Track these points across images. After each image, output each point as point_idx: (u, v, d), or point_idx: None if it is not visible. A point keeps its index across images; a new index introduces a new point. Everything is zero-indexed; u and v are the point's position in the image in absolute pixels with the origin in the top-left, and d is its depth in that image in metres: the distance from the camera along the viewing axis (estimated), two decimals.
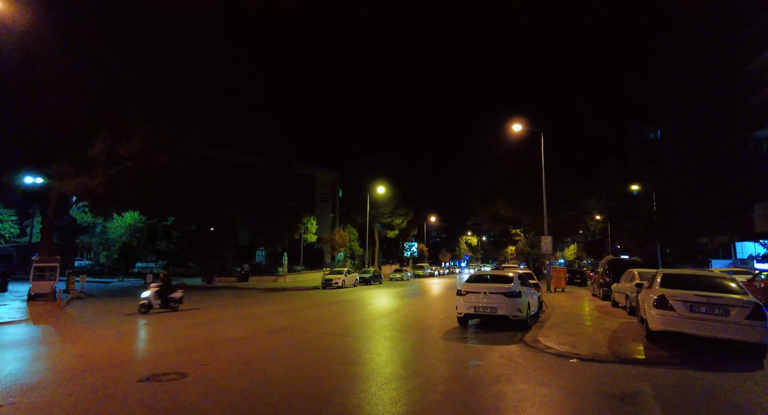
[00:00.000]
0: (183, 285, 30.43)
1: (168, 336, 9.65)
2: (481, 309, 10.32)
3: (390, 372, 6.41)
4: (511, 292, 10.28)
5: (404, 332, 10.14)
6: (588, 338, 8.83)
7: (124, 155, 17.30)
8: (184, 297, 15.13)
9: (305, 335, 9.69)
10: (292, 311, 15.18)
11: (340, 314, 14.30)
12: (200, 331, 10.33)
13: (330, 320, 12.66)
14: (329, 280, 29.67)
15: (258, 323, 11.71)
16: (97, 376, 6.19)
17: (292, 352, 7.90)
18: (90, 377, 6.12)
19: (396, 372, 6.41)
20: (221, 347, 8.34)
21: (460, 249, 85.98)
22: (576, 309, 14.53)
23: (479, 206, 43.48)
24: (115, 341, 9.23)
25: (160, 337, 9.62)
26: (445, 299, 20.69)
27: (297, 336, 9.59)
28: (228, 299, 20.54)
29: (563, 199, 32.91)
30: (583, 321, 11.44)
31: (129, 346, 8.64)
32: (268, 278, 35.15)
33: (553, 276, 24.75)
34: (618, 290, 14.09)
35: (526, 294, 10.78)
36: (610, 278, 17.09)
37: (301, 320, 12.59)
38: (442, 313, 14.15)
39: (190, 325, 11.32)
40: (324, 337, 9.52)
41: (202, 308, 15.86)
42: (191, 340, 9.08)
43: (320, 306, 16.91)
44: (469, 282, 11.16)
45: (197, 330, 10.46)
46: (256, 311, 15.11)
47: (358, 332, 10.32)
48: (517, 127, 23.91)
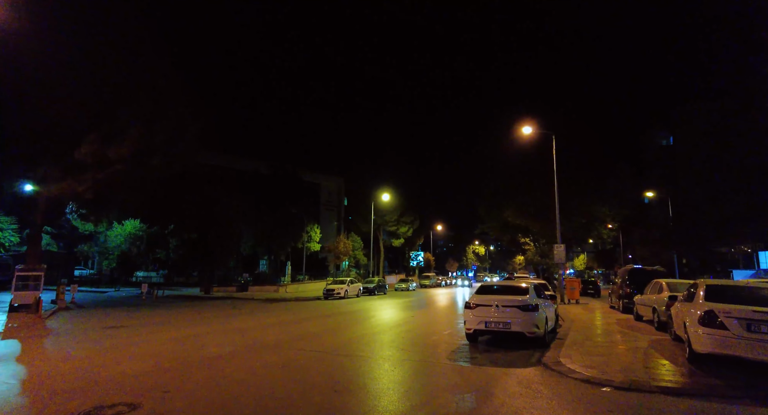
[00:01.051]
0: (179, 296, 29.52)
1: (139, 354, 8.58)
2: (492, 325, 9.14)
3: (385, 405, 5.27)
4: (526, 305, 9.09)
5: (406, 351, 8.98)
6: (618, 360, 7.62)
7: (114, 158, 16.44)
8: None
9: (293, 354, 8.57)
10: (286, 324, 14.07)
11: (338, 328, 13.16)
12: (177, 348, 9.25)
13: (325, 335, 11.53)
14: (331, 290, 28.52)
15: (244, 339, 10.62)
16: (27, 410, 5.13)
17: (273, 375, 6.79)
18: (17, 413, 5.06)
19: (393, 404, 5.27)
20: (194, 368, 7.25)
21: (468, 259, 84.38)
22: (596, 323, 13.25)
23: (487, 214, 42.22)
24: (78, 360, 8.17)
25: (131, 354, 8.55)
26: (452, 311, 19.48)
27: (284, 355, 8.47)
28: (222, 310, 19.47)
29: (575, 206, 31.61)
30: (607, 338, 10.20)
31: (89, 367, 7.58)
32: (269, 287, 34.10)
33: (567, 287, 23.42)
34: (642, 303, 12.82)
35: (543, 307, 9.59)
36: (630, 289, 15.79)
37: (293, 334, 11.47)
38: (448, 327, 12.96)
39: (169, 340, 10.25)
40: (315, 356, 8.39)
41: (188, 321, 14.75)
42: (162, 359, 7.99)
43: (318, 319, 15.77)
44: (479, 294, 10.00)
45: (174, 347, 9.39)
46: (247, 324, 14.01)
47: (355, 350, 9.18)
48: (527, 130, 22.82)
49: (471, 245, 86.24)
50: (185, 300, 26.22)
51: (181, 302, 24.85)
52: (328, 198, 66.47)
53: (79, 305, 21.07)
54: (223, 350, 8.90)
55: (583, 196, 32.87)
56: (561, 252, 22.07)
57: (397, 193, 48.52)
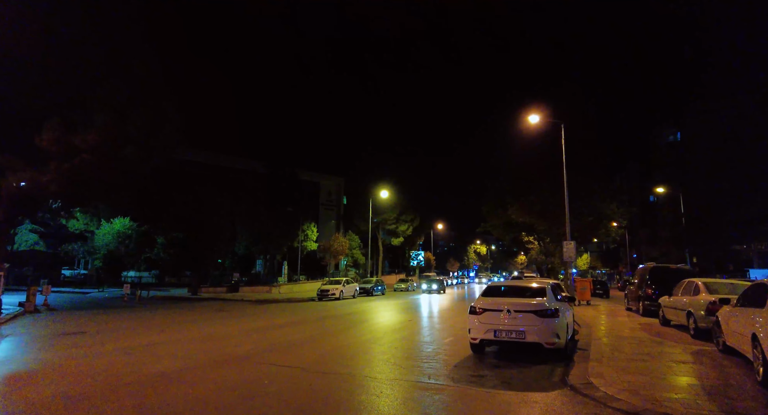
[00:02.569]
0: (165, 297, 27.98)
1: (70, 371, 7.02)
2: (503, 334, 7.56)
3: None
4: (544, 310, 7.52)
5: (399, 367, 7.41)
6: (665, 380, 6.04)
7: (81, 146, 14.90)
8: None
9: (261, 371, 7.01)
10: (268, 329, 12.51)
11: (325, 334, 11.61)
12: (123, 361, 7.69)
13: (308, 344, 9.97)
14: (325, 291, 26.96)
15: (212, 348, 9.06)
16: None
17: (223, 403, 5.23)
18: None
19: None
20: (124, 392, 5.68)
21: (469, 258, 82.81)
22: (617, 329, 11.66)
23: (491, 212, 40.60)
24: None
25: (64, 370, 6.98)
26: (454, 313, 17.93)
27: (249, 372, 6.91)
28: (204, 313, 17.92)
29: (584, 203, 30.02)
30: (638, 348, 8.61)
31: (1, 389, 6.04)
32: (261, 288, 32.55)
33: (577, 287, 21.85)
34: (672, 306, 11.22)
35: (563, 312, 8.02)
36: (652, 289, 14.20)
37: (271, 343, 9.92)
38: (449, 333, 11.40)
39: (119, 351, 8.69)
40: (286, 374, 6.83)
41: (157, 326, 13.17)
42: (94, 378, 6.43)
43: (305, 323, 14.22)
44: (486, 296, 8.41)
45: (121, 360, 7.83)
46: (224, 329, 12.44)
47: (337, 365, 7.62)
48: (534, 119, 21.21)
49: (472, 245, 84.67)
50: (170, 302, 24.69)
51: (164, 303, 23.32)
52: (327, 198, 65.01)
53: (52, 307, 19.49)
54: (177, 365, 7.34)
55: (591, 193, 31.36)
56: (571, 249, 20.47)
57: (397, 191, 46.99)
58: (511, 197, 34.94)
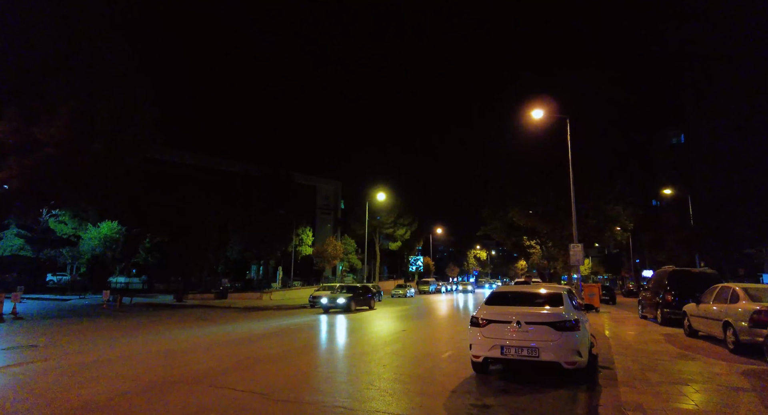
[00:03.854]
0: (148, 304, 26.52)
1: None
2: (512, 351, 6.19)
3: None
4: (563, 321, 6.15)
5: (385, 393, 6.01)
6: (727, 410, 4.67)
7: (43, 139, 13.58)
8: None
9: (212, 397, 5.63)
10: (244, 341, 11.10)
11: (306, 348, 10.21)
12: (55, 383, 6.29)
13: (282, 360, 8.57)
14: (317, 298, 25.49)
15: (167, 366, 7.67)
16: None
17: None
18: None
19: None
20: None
21: (469, 263, 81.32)
22: (638, 340, 10.27)
23: (491, 215, 39.22)
24: None
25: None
26: (453, 322, 16.55)
27: (197, 398, 5.53)
28: (182, 321, 16.49)
29: (588, 205, 28.71)
30: (672, 365, 7.23)
31: None
32: (251, 294, 31.08)
33: (585, 293, 20.48)
34: (700, 315, 9.84)
35: (584, 323, 6.65)
36: (672, 296, 12.82)
37: (238, 359, 8.51)
38: (448, 347, 10.02)
39: (60, 370, 7.27)
40: (240, 402, 5.45)
41: (120, 337, 11.73)
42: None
43: (288, 334, 12.81)
44: (491, 304, 7.04)
45: (55, 380, 6.43)
46: (192, 341, 11.02)
47: (307, 390, 6.24)
48: (538, 114, 19.92)
49: (472, 250, 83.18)
50: (151, 309, 23.26)
51: (145, 311, 21.89)
52: (324, 201, 63.70)
53: (20, 316, 18.06)
54: (113, 389, 5.95)
55: (596, 194, 30.10)
56: (578, 252, 19.09)
57: (395, 194, 45.71)
58: (513, 200, 33.66)
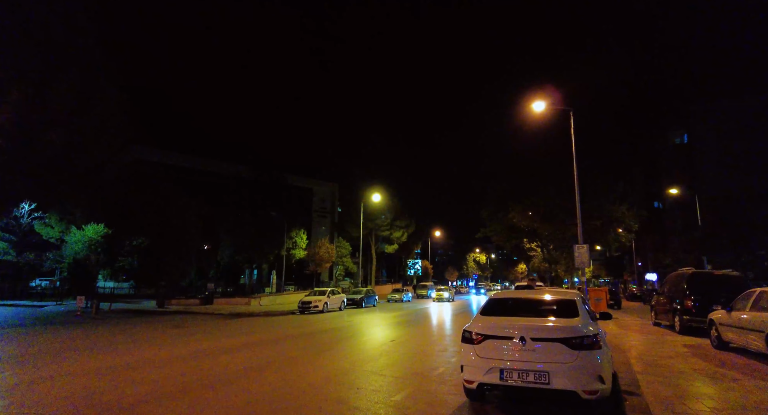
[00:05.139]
0: (128, 310, 25.12)
1: None
2: (515, 376, 4.82)
3: None
4: (580, 338, 4.79)
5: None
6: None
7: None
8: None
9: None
10: (209, 354, 9.71)
11: (274, 364, 8.82)
12: None
13: (239, 381, 7.18)
14: (307, 303, 24.11)
15: (96, 389, 6.29)
16: None
17: None
18: None
19: None
20: None
21: (468, 267, 79.85)
22: (659, 354, 8.89)
23: (491, 216, 37.92)
24: None
25: None
26: (450, 330, 15.16)
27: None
28: (154, 330, 15.09)
29: (591, 205, 27.42)
30: (716, 391, 5.87)
31: None
32: (240, 300, 29.67)
33: (591, 298, 19.10)
34: (733, 324, 8.48)
35: (604, 339, 5.28)
36: (692, 301, 11.45)
37: (189, 379, 7.13)
38: (440, 361, 8.65)
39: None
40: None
41: (68, 351, 10.33)
42: None
43: (264, 345, 11.42)
44: (487, 314, 5.67)
45: None
46: (146, 355, 9.62)
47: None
48: (539, 107, 18.58)
49: (471, 253, 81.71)
50: (129, 316, 21.86)
51: (121, 318, 20.50)
52: (320, 204, 62.39)
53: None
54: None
55: (600, 195, 28.84)
56: (584, 254, 17.72)
57: (391, 196, 44.37)
58: (513, 200, 32.39)
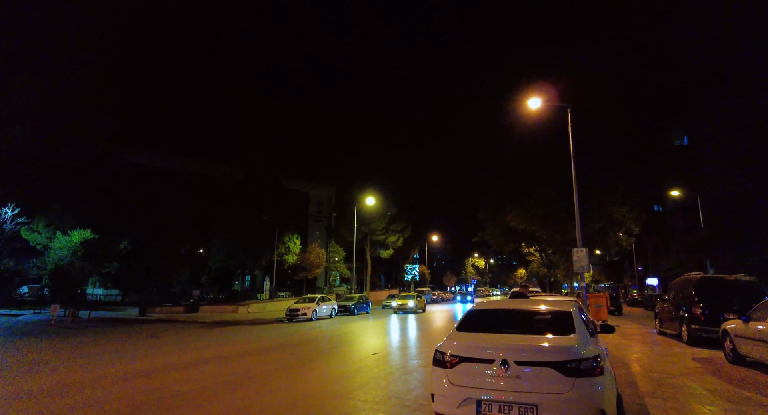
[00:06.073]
0: (109, 319, 24.07)
1: None
2: (496, 409, 3.86)
3: None
4: (576, 361, 3.82)
5: None
6: None
7: None
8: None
9: None
10: (175, 368, 8.70)
11: (246, 380, 7.82)
12: None
13: (193, 404, 6.18)
14: (295, 311, 23.10)
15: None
16: None
17: None
18: None
19: None
20: None
21: (467, 272, 78.73)
22: (668, 370, 7.91)
23: (489, 219, 36.97)
24: None
25: None
26: (442, 340, 14.09)
27: None
28: (127, 340, 14.07)
29: (591, 206, 26.50)
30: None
31: None
32: (227, 307, 28.61)
33: (591, 304, 18.14)
34: (753, 337, 7.50)
35: (606, 361, 4.31)
36: (702, 309, 10.48)
37: (140, 400, 6.13)
38: (424, 378, 7.65)
39: None
40: None
41: (9, 369, 9.32)
42: None
43: (237, 358, 10.42)
44: (466, 330, 4.72)
45: None
46: (92, 374, 8.61)
47: None
48: (536, 104, 17.68)
49: (470, 258, 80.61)
50: (107, 325, 20.83)
51: (98, 327, 19.46)
52: (317, 208, 61.36)
53: None
54: None
55: (600, 196, 27.95)
56: (583, 257, 16.76)
57: (386, 199, 43.41)
58: (512, 202, 31.48)
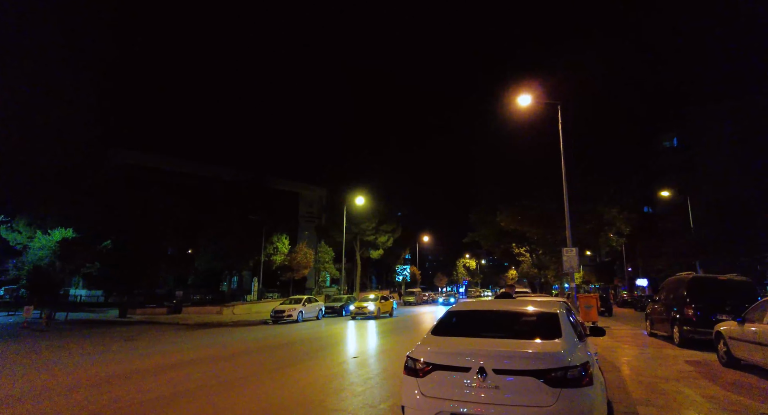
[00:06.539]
0: (87, 321, 23.30)
1: None
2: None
3: None
4: (561, 370, 3.37)
5: None
6: None
7: None
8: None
9: None
10: (139, 374, 8.14)
11: (213, 388, 7.30)
12: None
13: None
14: (280, 312, 22.53)
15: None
16: None
17: None
18: None
19: None
20: None
21: (458, 273, 78.56)
22: (665, 376, 7.53)
23: (480, 220, 36.72)
24: None
25: None
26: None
27: None
28: (102, 343, 13.44)
29: (582, 207, 26.27)
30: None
31: None
32: (211, 309, 27.93)
33: (581, 305, 17.80)
34: (749, 339, 7.14)
35: (595, 367, 3.87)
36: (694, 309, 10.15)
37: (87, 411, 5.60)
38: (398, 388, 7.18)
39: None
40: None
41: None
42: None
43: (210, 362, 9.88)
44: (441, 334, 4.25)
45: None
46: (58, 379, 8.04)
47: None
48: (526, 100, 17.33)
49: (461, 259, 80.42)
50: (85, 327, 20.10)
51: (75, 330, 18.75)
52: (308, 209, 60.74)
53: None
54: None
55: (592, 197, 27.78)
56: (572, 257, 16.46)
57: (377, 199, 42.96)
58: (501, 203, 31.26)
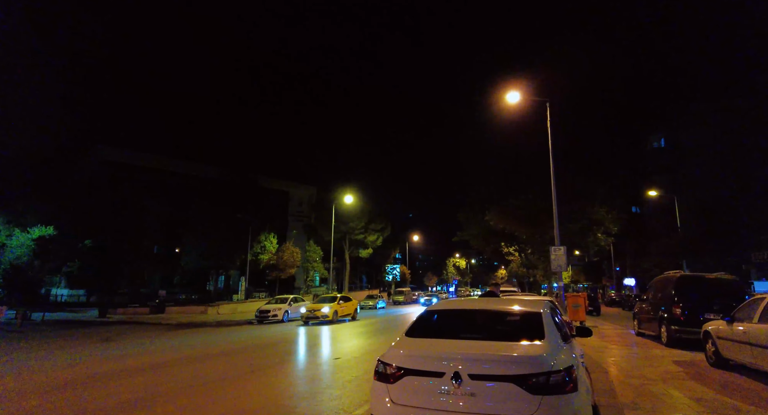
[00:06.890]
0: (65, 321, 22.64)
1: None
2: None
3: None
4: (543, 374, 3.08)
5: None
6: None
7: None
8: None
9: None
10: (101, 379, 7.73)
11: (177, 394, 6.93)
12: None
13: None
14: (265, 312, 22.10)
15: None
16: None
17: None
18: None
19: None
20: None
21: (448, 272, 78.59)
22: (653, 378, 7.33)
23: (468, 220, 36.59)
24: None
25: None
26: None
27: None
28: (76, 346, 12.93)
29: (571, 207, 26.26)
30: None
31: None
32: (195, 308, 27.39)
33: (569, 304, 17.65)
34: (737, 339, 6.97)
35: (580, 369, 3.61)
36: (682, 309, 10.02)
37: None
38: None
39: None
40: None
41: None
42: None
43: (184, 364, 9.48)
44: (416, 335, 3.93)
45: None
46: (15, 383, 7.60)
47: None
48: (514, 98, 17.13)
49: (451, 259, 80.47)
50: (62, 327, 19.50)
51: (51, 330, 18.17)
52: (297, 208, 60.18)
53: None
54: None
55: (580, 197, 27.78)
56: (560, 256, 16.32)
57: (366, 198, 42.68)
58: (490, 202, 31.18)
